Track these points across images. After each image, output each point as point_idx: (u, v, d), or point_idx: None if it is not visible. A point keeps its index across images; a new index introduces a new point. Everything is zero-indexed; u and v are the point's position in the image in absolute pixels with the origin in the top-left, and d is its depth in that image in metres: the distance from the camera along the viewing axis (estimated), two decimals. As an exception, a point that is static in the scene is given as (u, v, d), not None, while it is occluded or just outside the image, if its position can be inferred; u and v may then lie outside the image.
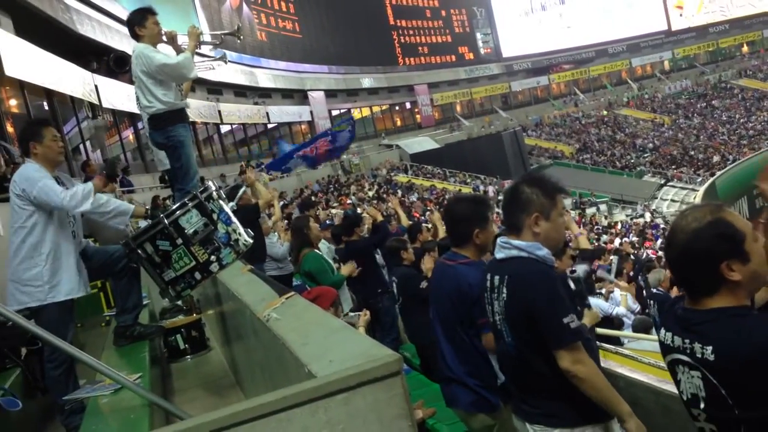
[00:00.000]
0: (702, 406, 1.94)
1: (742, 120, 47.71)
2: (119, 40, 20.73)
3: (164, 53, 5.24)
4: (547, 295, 2.59)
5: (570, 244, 6.82)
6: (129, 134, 24.99)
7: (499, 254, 2.78)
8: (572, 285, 3.81)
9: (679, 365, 2.00)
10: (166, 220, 3.54)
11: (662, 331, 2.09)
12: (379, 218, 7.46)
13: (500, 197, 21.90)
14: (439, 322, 3.53)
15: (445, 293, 3.46)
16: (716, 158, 41.57)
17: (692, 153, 43.30)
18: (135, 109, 5.73)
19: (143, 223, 4.59)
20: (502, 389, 3.28)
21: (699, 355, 1.90)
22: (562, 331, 2.55)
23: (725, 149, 43.08)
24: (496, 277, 2.75)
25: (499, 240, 2.82)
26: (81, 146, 20.75)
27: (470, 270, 3.34)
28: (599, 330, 6.74)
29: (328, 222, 11.97)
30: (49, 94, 17.90)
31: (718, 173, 37.02)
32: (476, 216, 3.40)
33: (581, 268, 6.79)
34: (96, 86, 20.04)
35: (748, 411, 1.82)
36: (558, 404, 2.65)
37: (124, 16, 5.67)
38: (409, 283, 5.92)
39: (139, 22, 5.19)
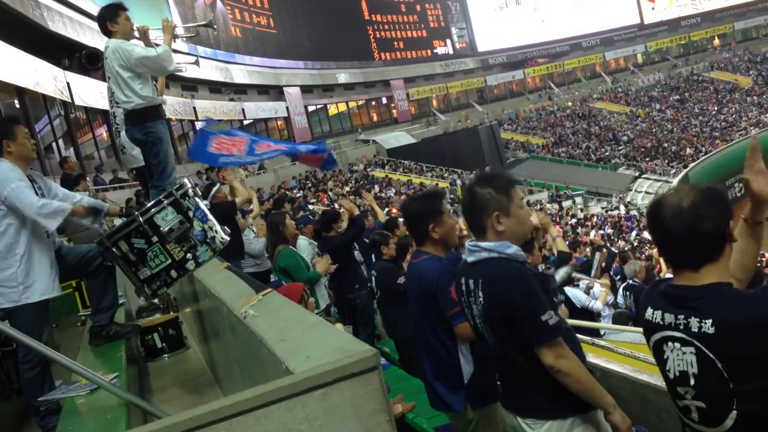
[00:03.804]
0: (692, 382, 1.97)
1: (713, 112, 48.33)
2: (91, 36, 20.48)
3: (142, 46, 5.21)
4: (522, 294, 2.58)
5: (547, 247, 6.84)
6: (102, 132, 24.72)
7: (470, 258, 2.76)
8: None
9: (669, 342, 2.02)
10: (140, 218, 3.50)
11: (649, 310, 2.11)
12: (356, 212, 7.46)
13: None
14: (413, 323, 3.56)
15: (413, 293, 3.50)
16: (689, 150, 42.09)
17: (665, 145, 43.79)
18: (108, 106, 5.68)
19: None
20: (470, 387, 3.29)
21: (695, 330, 1.93)
22: (541, 329, 2.55)
23: (698, 141, 43.62)
24: (470, 281, 2.74)
25: (467, 244, 2.81)
26: (53, 144, 20.50)
27: (428, 263, 3.37)
28: (579, 322, 6.81)
29: (311, 217, 11.96)
30: (20, 91, 17.64)
31: (692, 165, 37.46)
32: (428, 211, 3.41)
33: (564, 271, 6.82)
34: (68, 83, 19.80)
35: (744, 383, 1.86)
36: (548, 397, 2.66)
37: (96, 12, 5.62)
38: (387, 277, 5.94)
39: (110, 18, 5.16)
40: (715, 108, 48.98)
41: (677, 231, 2.00)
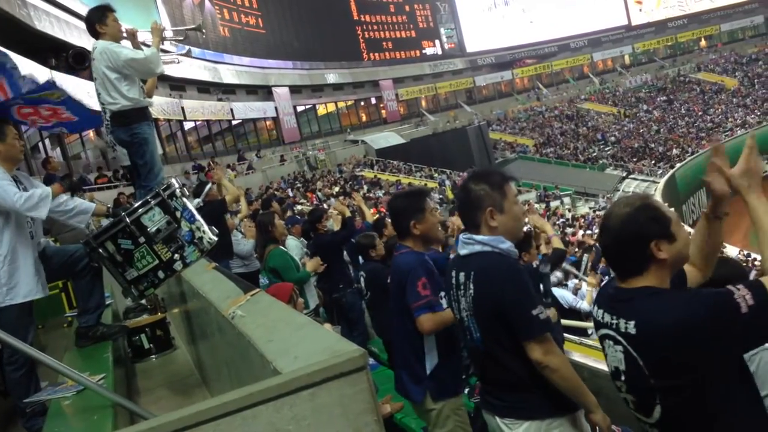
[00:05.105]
0: (623, 378, 2.11)
1: (700, 113, 48.63)
2: (78, 36, 20.34)
3: (130, 48, 5.20)
4: (514, 288, 2.62)
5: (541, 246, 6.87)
6: (90, 132, 24.55)
7: (463, 250, 2.79)
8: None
9: (607, 340, 2.15)
10: (127, 219, 3.48)
11: (595, 308, 2.23)
12: (347, 214, 7.45)
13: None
14: (391, 311, 3.68)
15: (392, 284, 3.62)
16: (675, 151, 42.34)
17: (652, 145, 44.03)
18: (95, 106, 5.63)
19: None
20: (432, 379, 3.38)
21: (623, 330, 2.05)
22: (531, 323, 2.58)
23: (684, 142, 43.89)
24: (461, 274, 2.76)
25: (461, 236, 2.84)
26: (40, 144, 20.35)
27: (404, 257, 3.51)
28: (567, 321, 6.83)
29: (298, 217, 11.94)
30: (5, 91, 17.48)
31: (678, 165, 37.71)
32: (411, 208, 3.51)
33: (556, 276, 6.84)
34: (54, 83, 19.63)
35: (663, 380, 1.98)
36: (528, 397, 2.67)
37: (83, 12, 5.59)
38: (377, 278, 5.93)
39: (99, 20, 5.15)
40: (702, 109, 49.29)
41: (605, 238, 2.15)
